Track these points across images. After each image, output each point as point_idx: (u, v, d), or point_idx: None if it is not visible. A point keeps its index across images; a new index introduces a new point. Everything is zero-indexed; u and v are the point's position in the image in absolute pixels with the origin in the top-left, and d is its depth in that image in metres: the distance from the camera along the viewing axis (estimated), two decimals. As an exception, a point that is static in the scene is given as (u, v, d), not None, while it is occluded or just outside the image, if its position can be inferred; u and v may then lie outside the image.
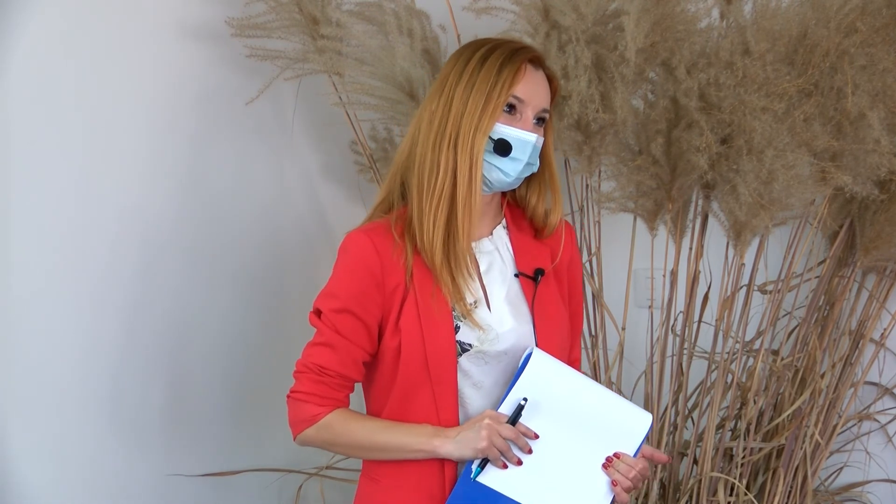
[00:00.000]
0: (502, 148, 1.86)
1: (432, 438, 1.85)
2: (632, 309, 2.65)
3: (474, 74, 1.86)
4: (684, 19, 2.38)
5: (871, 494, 2.81)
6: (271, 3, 2.52)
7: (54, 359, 2.39)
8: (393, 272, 1.87)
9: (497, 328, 1.89)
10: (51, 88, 2.35)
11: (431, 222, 1.86)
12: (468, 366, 1.88)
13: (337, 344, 1.88)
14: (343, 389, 1.90)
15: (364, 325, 1.88)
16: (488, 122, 1.85)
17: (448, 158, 1.85)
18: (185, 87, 2.59)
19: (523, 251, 1.97)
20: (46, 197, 2.35)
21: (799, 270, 2.67)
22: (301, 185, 2.87)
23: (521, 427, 1.83)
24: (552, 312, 1.95)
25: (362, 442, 1.89)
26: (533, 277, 1.95)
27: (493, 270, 1.94)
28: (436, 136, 1.86)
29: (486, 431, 1.81)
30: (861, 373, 2.76)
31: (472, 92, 1.85)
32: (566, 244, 2.02)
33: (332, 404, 1.89)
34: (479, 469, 1.83)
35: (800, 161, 2.30)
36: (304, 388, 1.89)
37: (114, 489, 2.49)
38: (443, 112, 1.87)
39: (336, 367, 1.88)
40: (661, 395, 2.60)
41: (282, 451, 2.77)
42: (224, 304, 2.69)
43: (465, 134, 1.85)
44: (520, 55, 1.88)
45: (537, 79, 1.90)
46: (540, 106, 1.89)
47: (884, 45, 2.34)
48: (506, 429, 1.82)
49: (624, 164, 2.45)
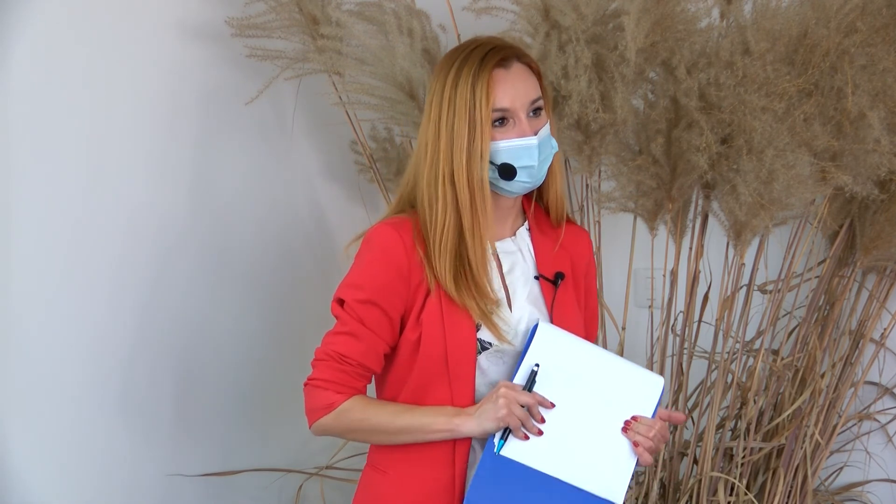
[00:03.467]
0: (507, 172, 1.85)
1: (453, 417, 1.84)
2: (632, 309, 2.65)
3: (453, 99, 1.83)
4: (684, 19, 2.38)
5: (871, 494, 2.81)
6: (271, 3, 2.52)
7: (58, 360, 2.39)
8: (418, 267, 1.86)
9: (517, 328, 1.89)
10: (50, 88, 2.35)
11: (441, 259, 1.85)
12: (486, 364, 1.88)
13: (360, 334, 1.86)
14: (362, 379, 1.89)
15: (388, 317, 1.86)
16: (482, 147, 1.82)
17: (446, 194, 1.84)
18: (186, 87, 2.59)
19: (544, 254, 1.96)
20: (47, 198, 2.36)
21: (799, 270, 2.67)
22: (301, 185, 2.87)
23: (537, 396, 1.81)
24: (570, 317, 1.94)
25: (383, 425, 1.86)
26: (553, 281, 1.95)
27: (515, 271, 1.93)
28: (431, 172, 1.85)
29: (504, 399, 1.80)
30: (861, 372, 2.76)
31: (456, 119, 1.82)
32: (581, 248, 2.01)
33: (351, 392, 1.87)
34: (503, 442, 1.82)
35: (800, 161, 2.30)
36: (324, 376, 1.87)
37: (114, 489, 2.49)
38: (433, 145, 1.84)
39: (357, 357, 1.86)
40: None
41: (282, 451, 2.77)
42: (224, 303, 2.69)
43: (458, 168, 1.82)
44: (488, 64, 1.83)
45: (515, 77, 1.85)
46: (528, 101, 1.85)
47: (884, 44, 2.34)
48: (523, 395, 1.80)
49: (624, 163, 2.45)
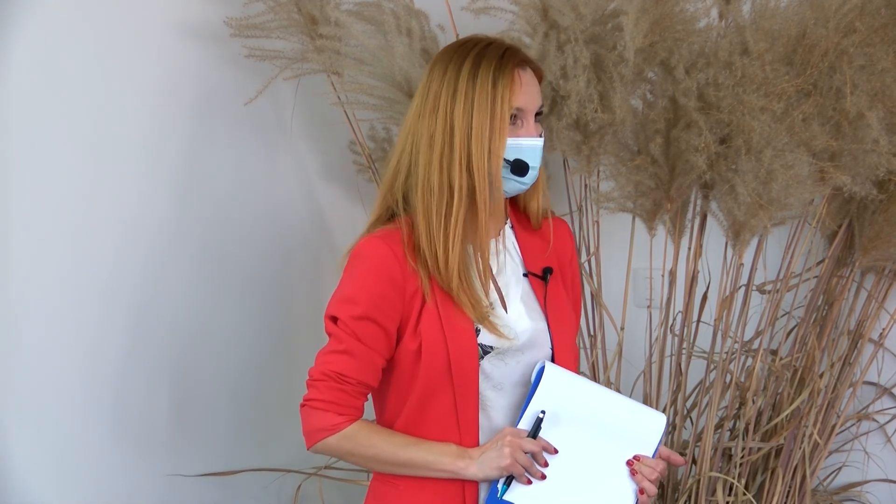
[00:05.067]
0: (520, 168, 1.85)
1: (457, 460, 1.83)
2: (630, 309, 2.65)
3: (470, 91, 1.82)
4: (683, 19, 2.38)
5: (869, 494, 2.81)
6: (270, 3, 2.52)
7: (56, 360, 2.39)
8: (411, 277, 1.85)
9: (514, 327, 1.89)
10: (48, 88, 2.35)
11: (449, 247, 1.83)
12: (490, 368, 1.87)
13: (356, 351, 1.84)
14: (361, 397, 1.88)
15: (384, 330, 1.85)
16: (499, 142, 1.82)
17: (462, 180, 1.83)
18: (184, 87, 2.59)
19: (530, 250, 1.96)
20: (44, 198, 2.35)
21: (798, 270, 2.67)
22: (300, 185, 2.87)
23: (542, 442, 1.82)
24: (562, 310, 1.95)
25: (385, 457, 1.86)
26: (542, 277, 1.95)
27: (506, 271, 1.93)
28: (442, 158, 1.83)
29: (509, 448, 1.80)
30: (860, 372, 2.76)
31: (474, 111, 1.82)
32: (564, 240, 2.01)
33: (353, 413, 1.86)
34: (506, 487, 1.82)
35: (798, 161, 2.30)
36: (323, 397, 1.85)
37: (113, 488, 2.49)
38: (444, 133, 1.83)
39: (356, 375, 1.85)
40: (659, 395, 2.60)
41: (281, 451, 2.77)
42: (221, 304, 2.69)
43: (478, 156, 1.82)
44: (508, 62, 1.84)
45: (530, 80, 1.88)
46: (537, 105, 1.88)
47: (882, 44, 2.34)
48: (528, 443, 1.81)
49: (623, 163, 2.45)
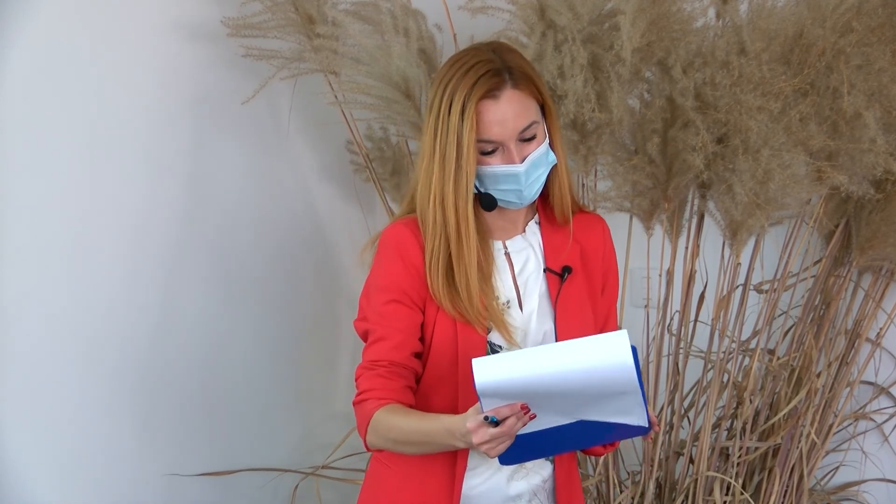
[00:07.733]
0: (487, 203, 1.87)
1: (449, 439, 1.77)
2: (628, 308, 2.64)
3: (446, 122, 1.83)
4: (680, 19, 2.38)
5: (867, 494, 2.81)
6: (267, 3, 2.52)
7: (56, 360, 2.39)
8: None
9: (527, 327, 1.90)
10: (45, 88, 2.35)
11: (434, 279, 1.85)
12: None
13: (387, 334, 1.84)
14: (398, 378, 1.84)
15: (413, 309, 1.86)
16: (467, 178, 1.82)
17: (437, 216, 1.85)
18: (181, 87, 2.59)
19: (553, 247, 1.95)
20: (42, 199, 2.35)
21: (795, 270, 2.67)
22: (297, 185, 2.87)
23: (504, 411, 1.68)
24: (574, 311, 1.93)
25: (402, 438, 1.82)
26: (560, 274, 1.94)
27: (529, 266, 1.93)
28: (426, 191, 1.86)
29: (476, 440, 1.69)
30: (857, 372, 2.77)
31: (447, 145, 1.83)
32: (592, 238, 1.98)
33: (391, 395, 1.83)
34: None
35: (796, 160, 2.30)
36: (362, 387, 1.85)
37: (112, 488, 2.49)
38: (429, 161, 1.85)
39: (387, 356, 1.84)
40: (657, 395, 2.60)
41: (278, 451, 2.77)
42: (219, 304, 2.69)
43: (447, 194, 1.84)
44: (476, 93, 1.81)
45: (505, 108, 1.82)
46: (516, 131, 1.82)
47: (879, 44, 2.34)
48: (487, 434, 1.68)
49: (620, 163, 2.45)
